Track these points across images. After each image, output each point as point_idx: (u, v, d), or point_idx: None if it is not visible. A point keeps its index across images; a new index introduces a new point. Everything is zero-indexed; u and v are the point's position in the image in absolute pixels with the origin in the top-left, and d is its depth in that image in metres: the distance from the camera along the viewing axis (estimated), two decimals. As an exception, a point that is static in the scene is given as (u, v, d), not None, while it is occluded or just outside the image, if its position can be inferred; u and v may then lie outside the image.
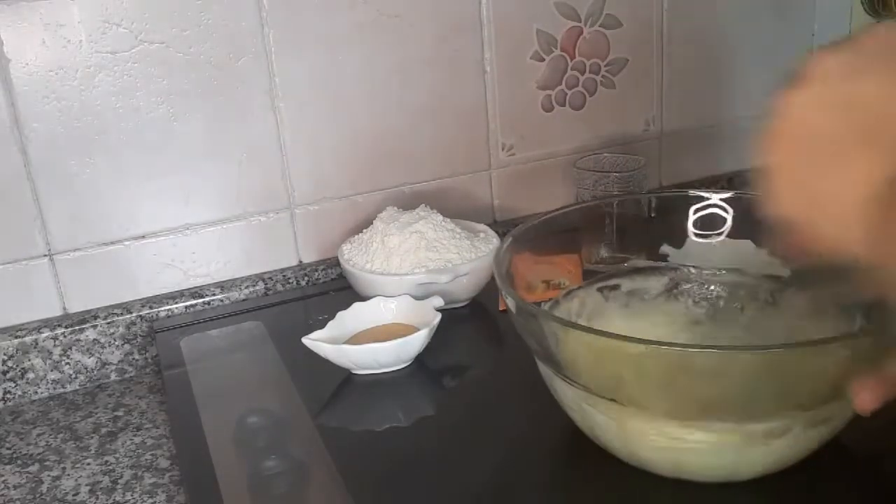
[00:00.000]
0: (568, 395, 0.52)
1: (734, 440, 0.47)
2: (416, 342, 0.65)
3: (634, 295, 0.64)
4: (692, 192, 0.64)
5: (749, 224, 0.60)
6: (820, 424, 0.48)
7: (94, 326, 0.77)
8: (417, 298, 0.70)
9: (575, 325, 0.52)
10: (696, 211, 0.63)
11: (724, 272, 0.63)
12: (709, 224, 0.63)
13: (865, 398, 0.43)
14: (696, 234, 0.63)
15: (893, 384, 0.44)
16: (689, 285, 0.64)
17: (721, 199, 0.63)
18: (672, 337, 0.58)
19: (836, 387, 0.45)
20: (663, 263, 0.64)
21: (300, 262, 0.86)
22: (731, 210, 0.63)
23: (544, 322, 0.50)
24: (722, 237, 0.63)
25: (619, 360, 0.48)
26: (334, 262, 0.84)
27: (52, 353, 0.76)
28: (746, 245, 0.62)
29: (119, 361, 0.78)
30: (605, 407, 0.49)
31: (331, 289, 0.83)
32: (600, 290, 0.64)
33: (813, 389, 0.46)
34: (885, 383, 0.44)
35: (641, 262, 0.64)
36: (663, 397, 0.47)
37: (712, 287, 0.63)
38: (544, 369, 0.53)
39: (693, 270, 0.64)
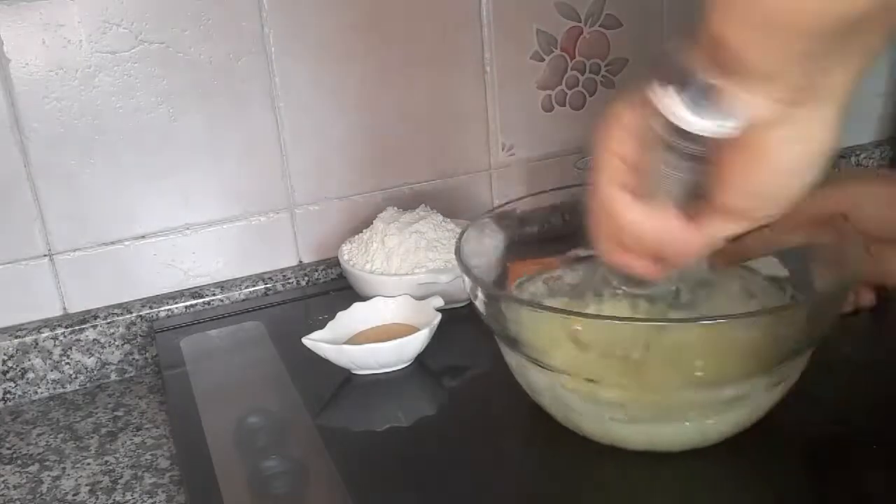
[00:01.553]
0: (540, 380, 0.54)
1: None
2: (416, 342, 0.65)
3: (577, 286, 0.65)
4: None
5: None
6: (776, 386, 0.51)
7: (94, 326, 0.77)
8: (417, 298, 0.70)
9: (542, 306, 0.55)
10: None
11: None
12: None
13: (865, 296, 0.54)
14: None
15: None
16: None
17: None
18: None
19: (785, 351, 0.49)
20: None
21: (300, 262, 0.86)
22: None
23: (507, 305, 0.53)
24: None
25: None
26: (334, 262, 0.84)
27: (52, 353, 0.76)
28: None
29: (119, 361, 0.78)
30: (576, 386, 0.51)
31: (331, 289, 0.83)
32: (545, 281, 0.65)
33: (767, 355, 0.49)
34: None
35: (583, 252, 0.65)
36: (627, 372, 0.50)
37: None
38: (513, 360, 0.56)
39: None
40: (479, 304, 0.54)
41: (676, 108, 0.37)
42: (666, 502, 0.50)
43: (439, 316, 0.67)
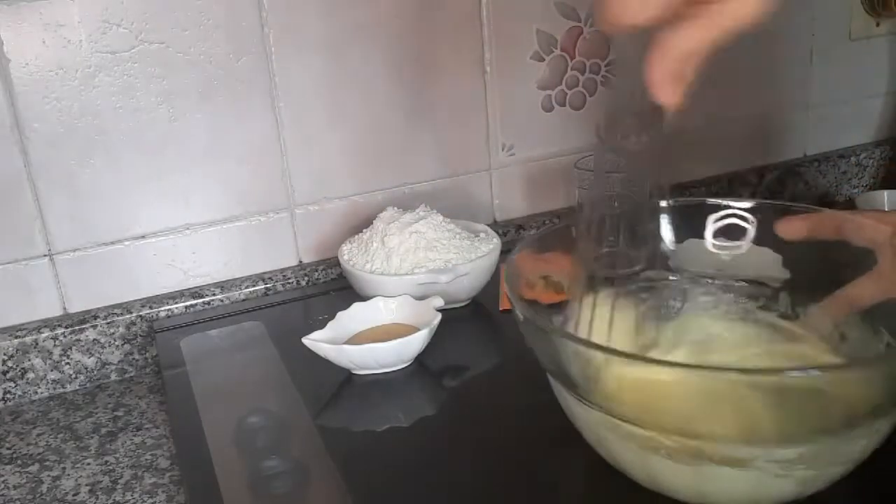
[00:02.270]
0: (588, 419, 0.48)
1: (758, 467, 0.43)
2: (416, 342, 0.65)
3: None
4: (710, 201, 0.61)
5: (769, 233, 0.58)
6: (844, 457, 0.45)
7: (94, 326, 0.77)
8: (417, 298, 0.70)
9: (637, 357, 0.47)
10: (717, 220, 0.60)
11: (741, 282, 0.60)
12: (723, 232, 0.60)
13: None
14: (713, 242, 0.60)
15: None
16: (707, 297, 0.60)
17: (740, 208, 0.60)
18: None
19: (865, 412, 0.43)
20: (673, 277, 0.61)
21: (300, 262, 0.86)
22: (752, 219, 0.60)
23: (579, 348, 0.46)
24: (743, 246, 0.60)
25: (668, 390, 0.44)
26: (334, 262, 0.84)
27: (52, 353, 0.76)
28: (765, 252, 0.59)
29: (119, 361, 0.78)
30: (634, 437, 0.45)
31: (331, 289, 0.83)
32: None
33: (846, 412, 0.43)
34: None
35: (653, 273, 0.60)
36: (706, 422, 0.44)
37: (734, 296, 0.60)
38: (558, 388, 0.50)
39: (710, 280, 0.60)
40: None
41: None
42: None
43: (439, 316, 0.67)
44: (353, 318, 0.69)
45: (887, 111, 1.11)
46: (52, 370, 0.76)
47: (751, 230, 0.59)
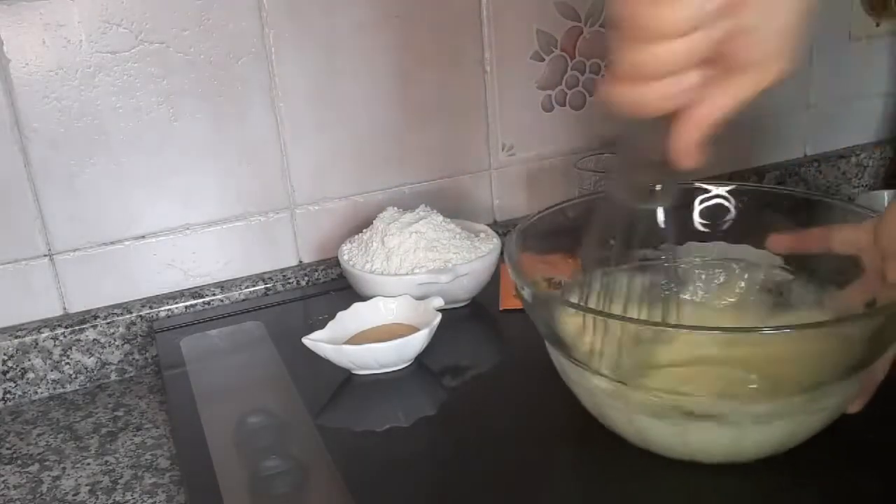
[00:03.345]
0: (580, 378, 0.52)
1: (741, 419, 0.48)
2: (416, 342, 0.65)
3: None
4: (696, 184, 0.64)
5: (752, 219, 0.63)
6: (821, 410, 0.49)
7: (94, 326, 0.77)
8: (417, 298, 0.70)
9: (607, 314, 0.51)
10: (702, 202, 0.64)
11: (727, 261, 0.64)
12: (711, 215, 0.64)
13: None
14: (700, 227, 0.64)
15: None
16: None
17: (724, 191, 0.64)
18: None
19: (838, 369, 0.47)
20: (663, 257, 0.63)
21: (300, 262, 0.86)
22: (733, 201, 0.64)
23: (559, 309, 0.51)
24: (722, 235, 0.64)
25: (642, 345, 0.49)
26: (334, 262, 0.84)
27: (52, 353, 0.76)
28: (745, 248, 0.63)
29: (119, 361, 0.78)
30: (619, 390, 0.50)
31: (331, 289, 0.83)
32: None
33: (820, 370, 0.48)
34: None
35: (650, 253, 0.62)
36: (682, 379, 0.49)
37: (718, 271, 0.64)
38: (555, 354, 0.54)
39: (697, 260, 0.64)
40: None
41: None
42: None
43: (439, 316, 0.67)
44: (353, 318, 0.69)
45: (887, 111, 1.11)
46: (52, 370, 0.76)
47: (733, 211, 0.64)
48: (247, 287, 0.82)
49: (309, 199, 0.84)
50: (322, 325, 0.67)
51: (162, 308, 0.79)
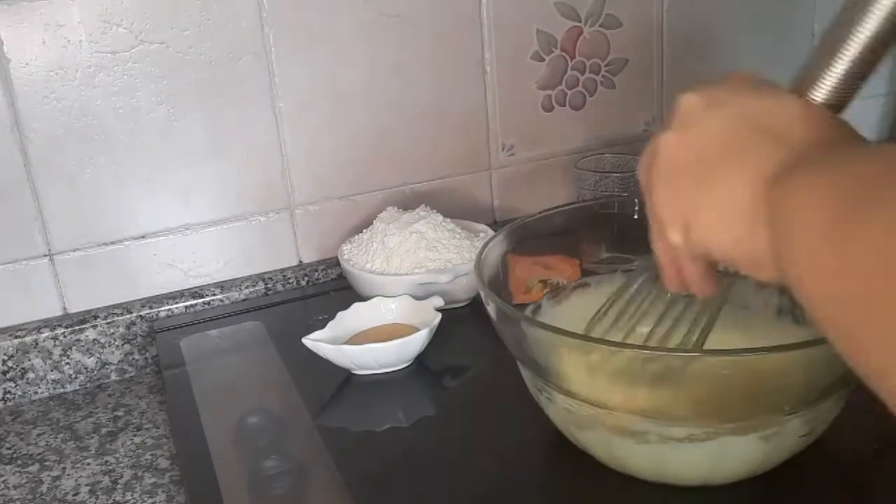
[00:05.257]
0: (553, 401, 0.51)
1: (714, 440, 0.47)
2: (416, 342, 0.65)
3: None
4: None
5: None
6: (805, 427, 0.48)
7: (94, 326, 0.77)
8: (417, 298, 0.70)
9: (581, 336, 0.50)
10: None
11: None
12: None
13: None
14: None
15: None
16: None
17: None
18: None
19: (814, 390, 0.46)
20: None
21: (300, 262, 0.86)
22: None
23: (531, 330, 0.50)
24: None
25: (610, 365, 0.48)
26: (334, 262, 0.84)
27: (52, 353, 0.76)
28: None
29: (119, 361, 0.78)
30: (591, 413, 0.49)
31: (331, 289, 0.83)
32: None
33: (794, 392, 0.46)
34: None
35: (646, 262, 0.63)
36: (652, 399, 0.47)
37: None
38: (526, 373, 0.54)
39: None
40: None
41: None
42: None
43: (439, 316, 0.67)
44: (353, 318, 0.69)
45: (887, 111, 1.11)
46: (52, 370, 0.76)
47: None
48: (247, 287, 0.82)
49: (309, 199, 0.84)
50: (322, 325, 0.67)
51: (162, 308, 0.79)
